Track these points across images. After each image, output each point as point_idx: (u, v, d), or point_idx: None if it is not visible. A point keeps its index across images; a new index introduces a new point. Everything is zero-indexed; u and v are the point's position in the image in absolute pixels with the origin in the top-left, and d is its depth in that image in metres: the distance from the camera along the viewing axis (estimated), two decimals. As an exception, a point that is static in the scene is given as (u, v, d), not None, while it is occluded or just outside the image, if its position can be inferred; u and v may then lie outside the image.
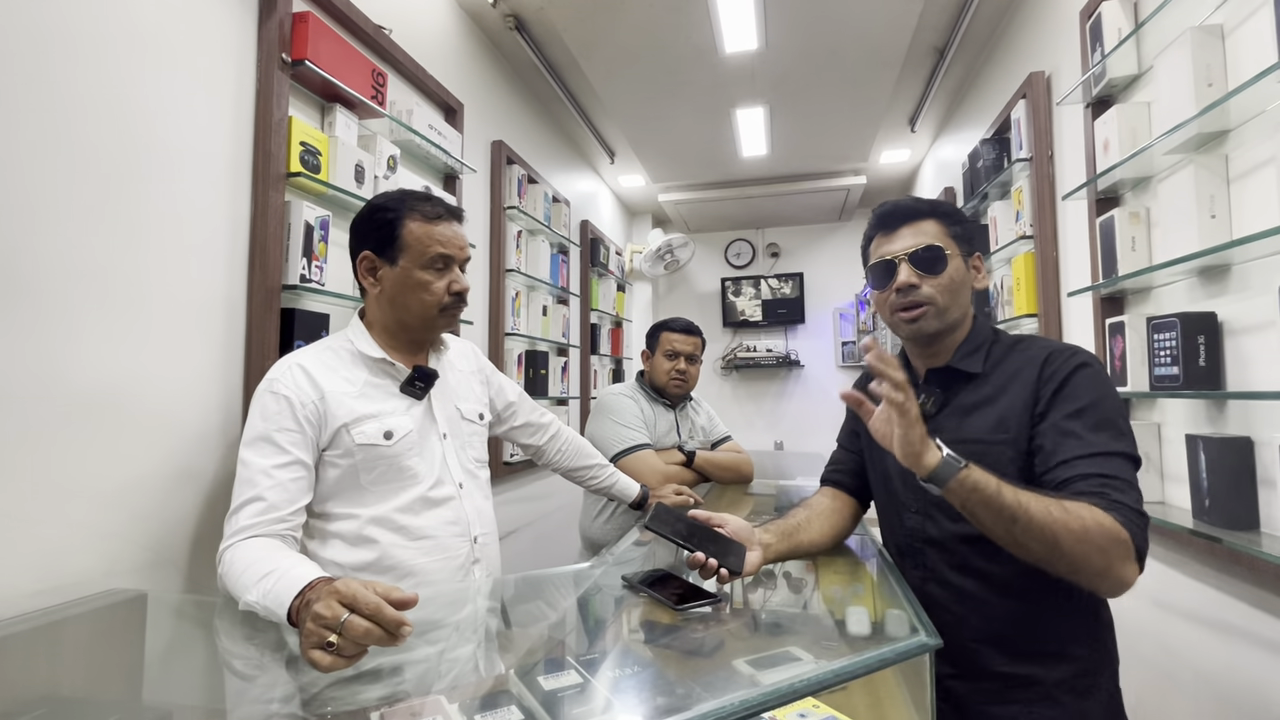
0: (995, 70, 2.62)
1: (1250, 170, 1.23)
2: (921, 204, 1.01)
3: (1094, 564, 0.76)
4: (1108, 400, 0.86)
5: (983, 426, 0.93)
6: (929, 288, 0.97)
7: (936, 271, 0.97)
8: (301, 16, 1.43)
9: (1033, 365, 0.92)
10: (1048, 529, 0.75)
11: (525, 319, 2.77)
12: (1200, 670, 1.40)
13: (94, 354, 1.03)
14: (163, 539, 1.13)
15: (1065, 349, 0.92)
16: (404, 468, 1.09)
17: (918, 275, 0.97)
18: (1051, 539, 0.75)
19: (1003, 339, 1.00)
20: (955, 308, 0.98)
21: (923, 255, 0.97)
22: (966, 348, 0.99)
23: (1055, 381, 0.88)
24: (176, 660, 0.91)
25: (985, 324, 1.03)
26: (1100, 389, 0.87)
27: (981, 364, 0.97)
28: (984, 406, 0.94)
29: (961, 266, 0.99)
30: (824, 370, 5.05)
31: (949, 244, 0.98)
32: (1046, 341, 0.96)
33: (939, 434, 0.95)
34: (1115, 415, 0.85)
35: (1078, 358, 0.90)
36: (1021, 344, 0.98)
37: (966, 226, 1.02)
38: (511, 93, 2.78)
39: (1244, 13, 1.23)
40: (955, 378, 0.99)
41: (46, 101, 0.96)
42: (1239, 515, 1.20)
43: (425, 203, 1.12)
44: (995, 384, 0.95)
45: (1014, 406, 0.91)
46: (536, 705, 0.65)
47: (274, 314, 1.35)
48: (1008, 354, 0.97)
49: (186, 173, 1.20)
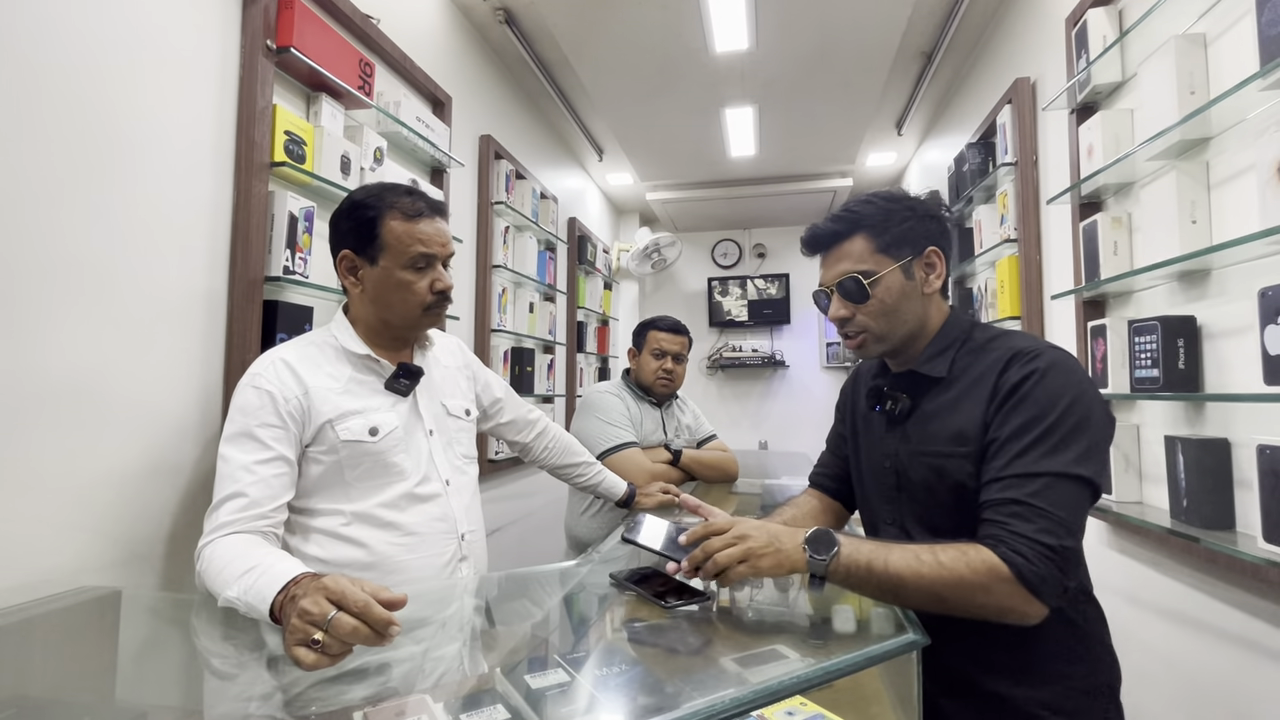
0: (981, 75, 2.65)
1: (1231, 177, 1.25)
2: (841, 223, 0.95)
3: (982, 605, 0.76)
4: (1060, 405, 0.80)
5: (944, 436, 0.90)
6: (862, 316, 0.93)
7: (863, 300, 0.93)
8: (287, 2, 1.40)
9: (992, 370, 0.87)
10: (925, 589, 0.76)
11: (512, 315, 2.75)
12: (1176, 666, 1.43)
13: (68, 345, 1.00)
14: (137, 535, 1.10)
15: (1028, 351, 0.86)
16: (390, 464, 1.07)
17: (847, 306, 0.94)
18: (934, 595, 0.76)
19: (974, 338, 0.94)
20: (897, 327, 0.94)
21: (848, 285, 0.93)
22: (932, 350, 0.95)
23: (1006, 389, 0.84)
24: (152, 659, 0.88)
25: (959, 321, 0.97)
26: (1052, 396, 0.81)
27: (947, 367, 0.93)
28: (946, 414, 0.90)
29: (896, 282, 0.93)
30: (809, 371, 5.09)
31: (878, 261, 0.92)
32: (1016, 340, 0.90)
33: (906, 441, 0.96)
34: (1063, 422, 0.79)
35: (1036, 361, 0.84)
36: (992, 343, 0.92)
37: (902, 229, 0.93)
38: (500, 87, 2.76)
39: (1226, 22, 1.25)
40: (921, 381, 0.95)
41: (19, 86, 0.93)
42: (1216, 515, 1.23)
43: (406, 198, 1.08)
44: (960, 389, 0.90)
45: (973, 416, 0.87)
46: (523, 703, 0.64)
47: (256, 306, 1.32)
48: (975, 356, 0.92)
49: (167, 161, 1.17)
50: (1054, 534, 0.75)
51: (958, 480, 0.87)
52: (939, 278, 0.96)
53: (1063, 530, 0.76)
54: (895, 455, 0.97)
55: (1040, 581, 0.74)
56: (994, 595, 0.75)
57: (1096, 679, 0.89)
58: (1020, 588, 0.74)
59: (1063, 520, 0.76)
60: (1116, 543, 1.67)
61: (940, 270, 0.96)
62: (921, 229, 0.94)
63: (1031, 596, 0.74)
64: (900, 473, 0.97)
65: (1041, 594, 0.74)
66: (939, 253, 0.95)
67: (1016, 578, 0.74)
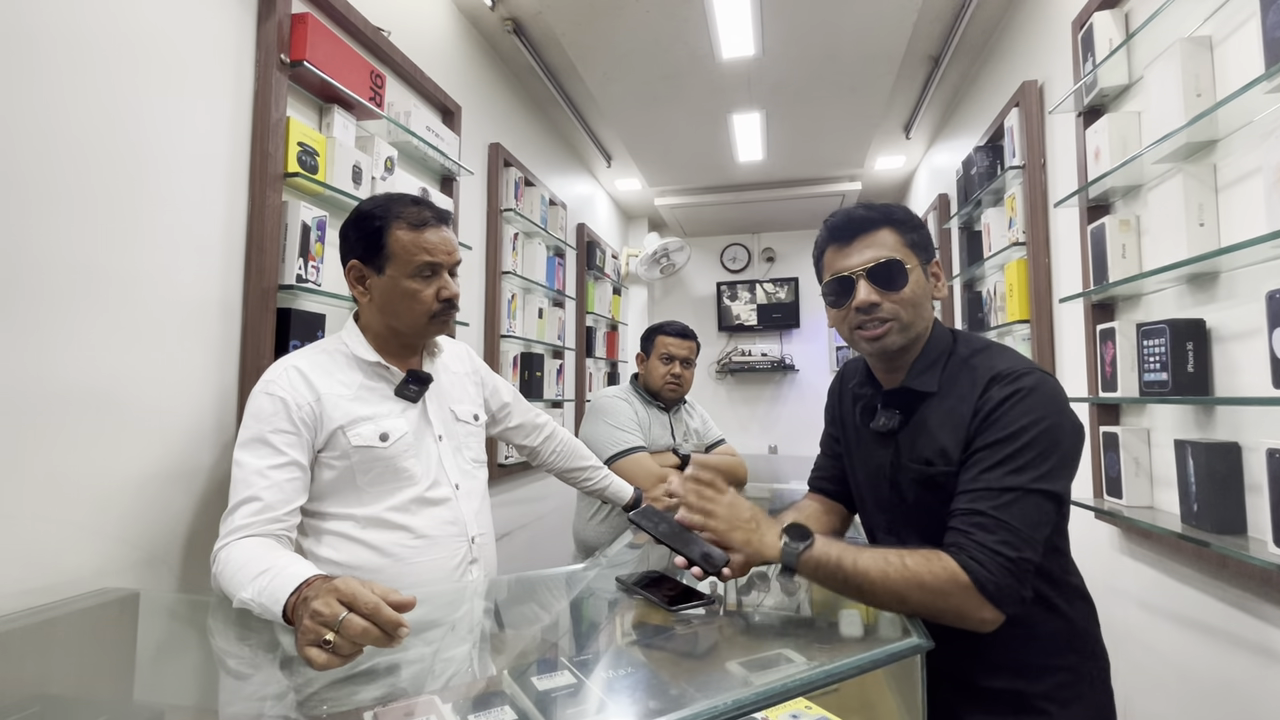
0: (989, 79, 2.65)
1: (1238, 179, 1.25)
2: (874, 213, 0.96)
3: (941, 609, 0.79)
4: (1034, 428, 0.82)
5: (931, 451, 0.91)
6: (891, 304, 0.92)
7: (898, 287, 0.92)
8: (300, 17, 1.43)
9: (975, 388, 0.88)
10: (890, 589, 0.79)
11: (521, 321, 2.77)
12: (1187, 672, 1.41)
13: (88, 353, 1.02)
14: (155, 538, 1.13)
15: (1010, 371, 0.87)
16: (400, 469, 1.09)
17: (878, 292, 0.92)
18: (897, 596, 0.79)
19: (959, 351, 0.95)
20: (919, 321, 0.95)
21: (882, 271, 0.92)
22: (922, 364, 0.95)
23: (986, 408, 0.86)
24: (169, 659, 0.90)
25: (943, 334, 0.98)
26: (1031, 415, 0.82)
27: (937, 381, 0.94)
28: (934, 428, 0.92)
29: (922, 278, 0.95)
30: (818, 375, 5.07)
31: (907, 255, 0.94)
32: (998, 360, 0.91)
33: (898, 453, 0.97)
34: (1035, 444, 0.81)
35: (1019, 382, 0.85)
36: (977, 357, 0.93)
37: (922, 233, 0.97)
38: (509, 95, 2.79)
39: (1232, 25, 1.25)
40: (912, 396, 0.96)
41: (45, 100, 0.96)
42: (1226, 519, 1.22)
43: (411, 208, 1.10)
44: (948, 403, 0.92)
45: (956, 435, 0.88)
46: (530, 705, 0.65)
47: (270, 314, 1.35)
48: (960, 370, 0.93)
49: (184, 172, 1.20)
50: (1013, 546, 0.78)
51: (949, 495, 0.89)
52: (940, 290, 1.00)
53: (1021, 543, 0.79)
54: (888, 467, 0.98)
55: (997, 590, 0.77)
56: (952, 600, 0.78)
57: (1090, 668, 0.92)
58: (977, 595, 0.77)
59: (1022, 533, 0.79)
60: (1127, 547, 1.66)
61: (943, 282, 1.01)
62: (928, 240, 0.99)
63: (987, 603, 0.77)
64: (894, 484, 0.98)
65: (998, 601, 0.77)
66: (940, 265, 1.00)
67: (974, 584, 0.77)
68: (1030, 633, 0.88)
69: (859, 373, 1.07)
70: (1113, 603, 1.69)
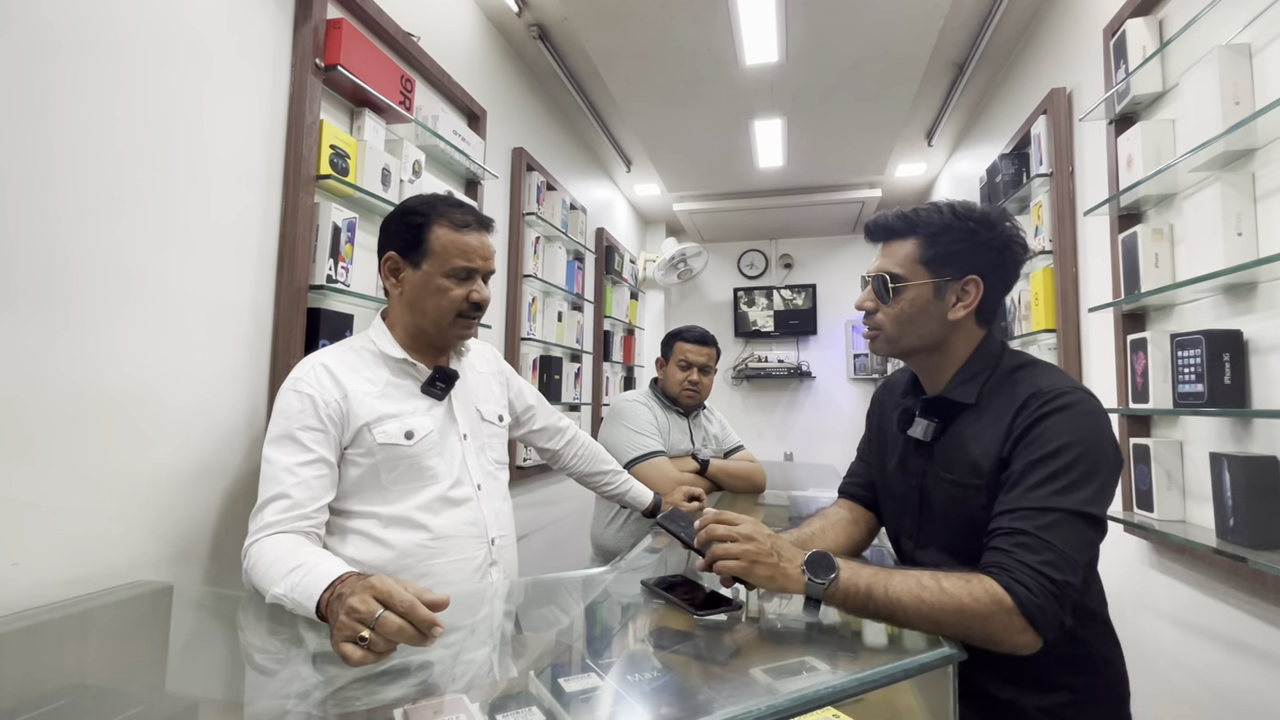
0: (1015, 86, 2.63)
1: (1278, 188, 1.22)
2: (902, 221, 0.95)
3: (977, 634, 0.77)
4: (1076, 447, 0.80)
5: (963, 466, 0.91)
6: (881, 315, 0.96)
7: (887, 301, 0.95)
8: (335, 23, 1.46)
9: (1013, 404, 0.87)
10: (924, 614, 0.77)
11: (540, 324, 2.78)
12: (1220, 690, 1.38)
13: (124, 351, 1.05)
14: (187, 533, 1.15)
15: (1051, 390, 0.85)
16: (424, 467, 1.10)
17: (873, 300, 0.97)
18: (931, 620, 0.77)
19: (1003, 365, 0.94)
20: (907, 337, 0.95)
21: (878, 283, 0.96)
22: (962, 376, 0.95)
23: (1024, 425, 0.84)
24: (201, 652, 0.91)
25: (991, 347, 0.96)
26: (1072, 434, 0.81)
27: (976, 394, 0.93)
28: (969, 442, 0.91)
29: (923, 297, 0.93)
30: (835, 382, 5.03)
31: (916, 271, 0.93)
32: (1040, 377, 0.89)
33: (932, 463, 0.96)
34: (1077, 464, 0.80)
35: (1059, 400, 0.84)
36: (1018, 373, 0.92)
37: (952, 248, 0.92)
38: (533, 101, 2.82)
39: (1272, 32, 1.23)
40: (950, 406, 0.95)
41: (86, 102, 0.99)
42: (1265, 534, 1.19)
43: (456, 210, 1.12)
44: (985, 418, 0.91)
45: (989, 451, 0.87)
46: (557, 706, 0.65)
47: (300, 313, 1.37)
48: (1002, 385, 0.92)
49: (220, 175, 1.23)
50: (1058, 569, 0.76)
51: (973, 510, 0.88)
52: (966, 308, 0.93)
53: (1066, 566, 0.76)
54: (921, 475, 0.98)
55: (1040, 613, 0.75)
56: (992, 624, 0.76)
57: (1106, 687, 0.90)
58: (1019, 618, 0.75)
59: (1067, 556, 0.77)
60: (1159, 562, 1.63)
61: (972, 301, 0.93)
62: (972, 255, 0.93)
63: (1028, 627, 0.75)
64: (924, 493, 0.97)
65: (1039, 626, 0.75)
66: (978, 283, 0.93)
67: (1017, 608, 0.75)
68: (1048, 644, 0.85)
69: (906, 380, 1.07)
70: (1142, 618, 1.66)
